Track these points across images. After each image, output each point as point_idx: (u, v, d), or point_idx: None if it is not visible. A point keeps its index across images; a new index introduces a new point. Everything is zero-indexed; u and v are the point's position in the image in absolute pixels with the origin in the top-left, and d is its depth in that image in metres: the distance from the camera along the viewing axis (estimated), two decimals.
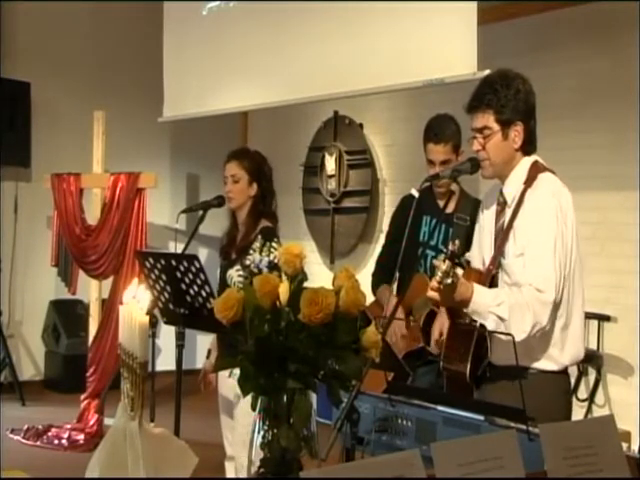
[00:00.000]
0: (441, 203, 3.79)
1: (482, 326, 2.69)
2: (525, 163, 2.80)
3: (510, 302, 2.61)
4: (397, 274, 3.57)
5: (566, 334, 2.74)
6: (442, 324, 3.07)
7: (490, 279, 2.79)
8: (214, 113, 6.29)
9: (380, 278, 3.97)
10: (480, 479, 1.48)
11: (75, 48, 7.62)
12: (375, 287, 3.99)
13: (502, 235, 2.79)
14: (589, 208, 5.03)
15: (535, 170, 2.77)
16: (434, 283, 2.55)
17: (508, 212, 2.80)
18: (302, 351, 1.69)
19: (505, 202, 2.82)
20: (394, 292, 3.78)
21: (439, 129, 3.77)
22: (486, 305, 2.62)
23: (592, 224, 5.08)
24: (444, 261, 2.51)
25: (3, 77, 7.11)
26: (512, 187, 2.80)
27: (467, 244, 3.04)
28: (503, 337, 2.63)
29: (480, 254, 2.90)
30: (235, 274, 3.69)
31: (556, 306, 2.69)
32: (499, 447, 1.53)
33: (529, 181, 2.76)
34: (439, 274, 2.51)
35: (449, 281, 2.51)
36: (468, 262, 2.62)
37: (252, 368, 1.72)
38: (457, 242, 2.57)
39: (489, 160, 2.78)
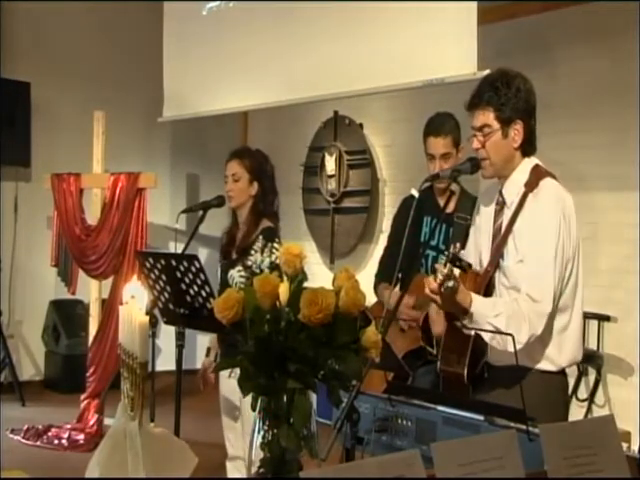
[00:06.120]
0: (442, 202, 3.79)
1: (478, 335, 2.69)
2: (526, 165, 2.78)
3: (507, 313, 2.60)
4: (399, 274, 3.57)
5: (565, 336, 2.74)
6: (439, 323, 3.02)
7: (488, 281, 2.79)
8: (214, 113, 6.30)
9: (382, 279, 3.98)
10: (480, 479, 1.48)
11: (75, 48, 7.62)
12: (377, 288, 4.00)
13: (501, 237, 2.77)
14: (589, 208, 5.03)
15: (537, 174, 2.75)
16: (434, 285, 2.53)
17: (507, 213, 2.79)
18: (302, 351, 1.68)
19: (504, 202, 2.81)
20: (396, 289, 3.78)
21: (439, 123, 3.82)
22: (484, 316, 2.60)
23: (592, 224, 5.07)
24: (445, 264, 2.50)
25: (3, 77, 7.10)
26: (512, 188, 2.78)
27: None
28: (500, 343, 2.63)
29: (476, 253, 2.89)
30: (237, 274, 3.69)
31: (556, 310, 2.68)
32: (499, 447, 1.53)
33: (531, 185, 2.74)
34: (440, 277, 2.50)
35: (450, 284, 2.50)
36: (470, 265, 2.60)
37: (252, 368, 1.72)
38: (458, 245, 2.56)
39: (489, 159, 2.77)
